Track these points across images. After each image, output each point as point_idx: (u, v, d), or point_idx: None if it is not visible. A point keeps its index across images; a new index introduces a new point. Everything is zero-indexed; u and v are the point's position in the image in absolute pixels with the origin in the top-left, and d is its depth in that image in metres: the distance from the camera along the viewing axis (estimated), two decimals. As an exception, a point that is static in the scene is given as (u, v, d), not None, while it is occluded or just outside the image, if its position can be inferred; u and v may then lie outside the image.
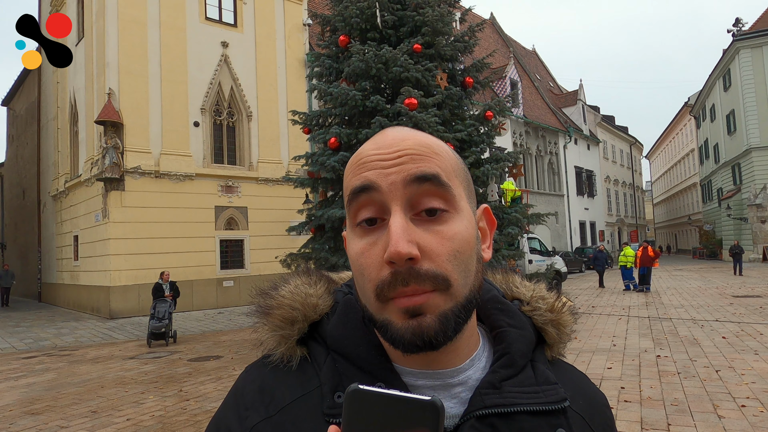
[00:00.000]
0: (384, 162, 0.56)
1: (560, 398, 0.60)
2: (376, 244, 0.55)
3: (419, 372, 0.59)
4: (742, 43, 28.89)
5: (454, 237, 0.55)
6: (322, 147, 9.61)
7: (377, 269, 0.54)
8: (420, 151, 0.57)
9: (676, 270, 26.36)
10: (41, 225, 21.04)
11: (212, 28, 16.75)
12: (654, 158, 65.46)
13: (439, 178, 0.56)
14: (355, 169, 0.58)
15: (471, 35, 10.23)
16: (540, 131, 31.64)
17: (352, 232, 0.58)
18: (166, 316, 9.88)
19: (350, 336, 0.61)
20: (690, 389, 5.57)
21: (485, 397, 0.58)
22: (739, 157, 30.05)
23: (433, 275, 0.53)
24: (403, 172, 0.55)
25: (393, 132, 0.59)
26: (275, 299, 0.65)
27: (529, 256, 17.69)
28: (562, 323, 0.68)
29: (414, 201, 0.55)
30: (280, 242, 15.47)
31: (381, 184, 0.55)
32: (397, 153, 0.56)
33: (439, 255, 0.54)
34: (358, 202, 0.57)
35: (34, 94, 22.10)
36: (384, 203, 0.55)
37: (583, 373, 0.71)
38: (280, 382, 0.61)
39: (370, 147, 0.59)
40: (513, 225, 9.74)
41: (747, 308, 11.56)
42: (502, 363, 0.61)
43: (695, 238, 43.64)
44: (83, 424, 5.24)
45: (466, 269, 0.56)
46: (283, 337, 0.63)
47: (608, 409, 0.69)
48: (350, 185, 0.58)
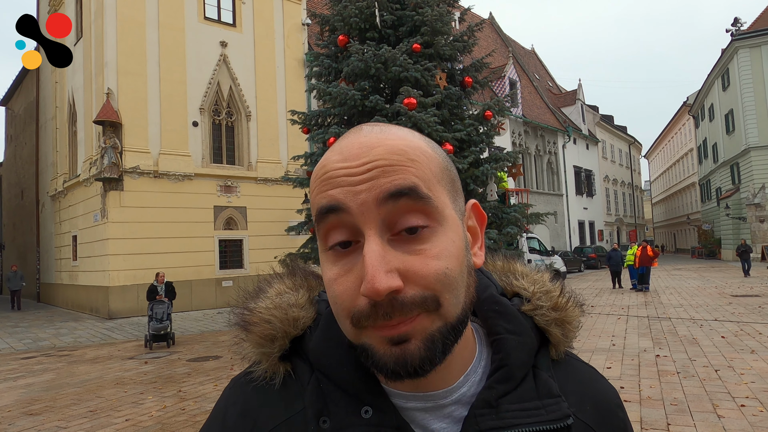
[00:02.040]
0: (351, 178, 0.49)
1: (563, 415, 0.55)
2: (351, 271, 0.49)
3: (409, 394, 0.55)
4: (741, 43, 28.93)
5: (440, 254, 0.49)
6: (321, 147, 9.61)
7: (351, 299, 0.48)
8: (392, 161, 0.49)
9: (675, 269, 26.39)
10: (40, 225, 21.01)
11: (211, 27, 16.73)
12: (653, 158, 65.55)
13: (418, 190, 0.48)
14: (320, 184, 0.51)
15: (470, 35, 10.23)
16: (539, 131, 31.66)
17: (324, 254, 0.52)
18: (166, 317, 9.81)
19: (333, 355, 0.56)
20: (689, 389, 5.57)
21: (480, 419, 0.53)
22: (738, 157, 30.09)
23: (420, 300, 0.48)
24: (374, 188, 0.48)
25: (361, 137, 0.51)
26: (254, 314, 0.60)
27: (528, 255, 17.73)
28: (567, 320, 0.63)
29: (390, 220, 0.48)
30: (279, 242, 15.46)
31: (350, 205, 0.48)
32: (366, 166, 0.49)
33: (425, 277, 0.48)
34: (326, 224, 0.50)
35: (33, 94, 22.06)
36: (355, 225, 0.49)
37: (591, 369, 0.65)
38: (262, 405, 0.57)
39: (335, 158, 0.51)
40: (512, 224, 9.75)
41: (746, 308, 11.57)
42: (499, 377, 0.55)
43: (694, 238, 43.68)
44: (82, 424, 5.23)
45: (456, 288, 0.50)
46: (264, 354, 0.58)
47: (620, 409, 0.63)
48: (316, 203, 0.51)
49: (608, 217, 41.57)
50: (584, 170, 36.76)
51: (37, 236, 21.06)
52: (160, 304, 9.84)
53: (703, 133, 39.05)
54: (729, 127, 31.51)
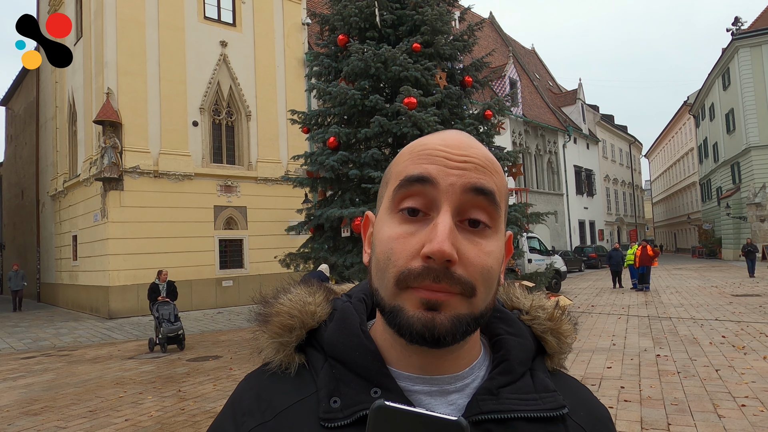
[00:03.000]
0: (449, 161, 0.56)
1: (559, 405, 0.60)
2: (414, 235, 0.55)
3: (417, 377, 0.59)
4: (741, 42, 28.90)
5: (491, 254, 0.56)
6: (321, 146, 9.60)
7: (408, 258, 0.54)
8: (485, 164, 0.57)
9: (676, 269, 26.37)
10: (40, 225, 21.01)
11: (211, 27, 16.73)
12: (653, 157, 65.50)
13: (494, 196, 0.56)
14: (416, 156, 0.58)
15: (470, 34, 10.22)
16: (539, 130, 31.64)
17: (388, 215, 0.58)
18: (175, 317, 9.33)
19: (347, 342, 0.61)
20: (690, 388, 5.56)
21: (482, 403, 0.57)
22: (738, 156, 30.07)
23: (464, 281, 0.54)
24: (465, 177, 0.55)
25: (460, 135, 0.60)
26: (274, 307, 0.65)
27: (529, 255, 17.69)
28: (561, 332, 0.68)
29: (463, 208, 0.56)
30: (279, 242, 15.46)
31: (440, 181, 0.55)
32: (464, 157, 0.57)
33: (473, 265, 0.54)
34: (408, 190, 0.56)
35: (33, 94, 22.06)
36: (435, 199, 0.55)
37: (585, 387, 0.71)
38: (277, 389, 0.61)
39: (436, 140, 0.58)
40: (512, 224, 9.74)
41: (747, 307, 11.56)
42: (500, 370, 0.61)
43: (694, 237, 43.65)
44: (81, 424, 5.23)
45: (490, 286, 0.57)
46: (281, 344, 0.63)
47: (611, 422, 0.68)
48: (406, 171, 0.57)
49: (608, 217, 41.56)
50: (584, 170, 36.74)
51: (37, 236, 21.07)
52: (165, 305, 9.45)
53: (703, 133, 39.02)
54: (729, 126, 31.48)
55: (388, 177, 0.61)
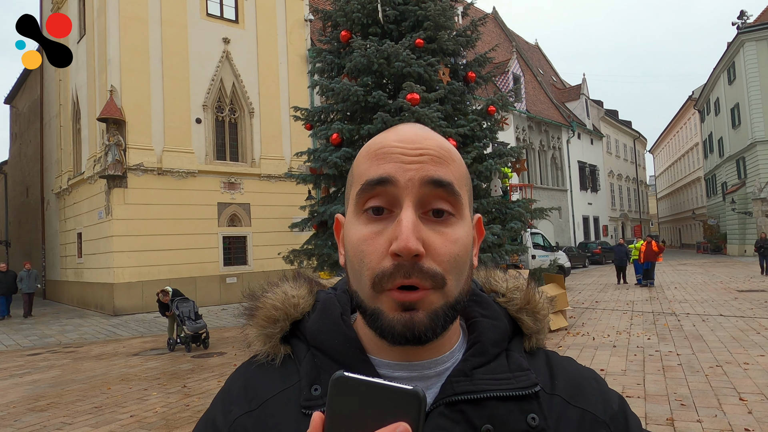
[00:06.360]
0: (405, 157, 0.57)
1: (531, 383, 0.60)
2: (381, 234, 0.56)
3: (396, 364, 0.61)
4: (747, 36, 28.68)
5: (457, 241, 0.57)
6: (325, 143, 9.58)
7: (378, 259, 0.55)
8: (440, 155, 0.59)
9: (680, 264, 26.28)
10: (45, 222, 21.10)
11: (213, 24, 16.71)
12: (658, 152, 65.18)
13: (453, 186, 0.58)
14: (374, 156, 0.59)
15: (473, 30, 10.17)
16: (543, 126, 31.53)
17: (355, 217, 0.59)
18: (196, 315, 8.86)
19: (327, 330, 0.63)
20: (694, 384, 5.55)
21: (455, 385, 0.59)
22: (744, 151, 29.89)
23: (433, 274, 0.55)
24: (422, 171, 0.57)
25: (414, 128, 0.61)
26: (260, 301, 0.68)
27: (533, 251, 17.65)
28: (536, 310, 0.69)
29: (425, 201, 0.57)
30: (282, 239, 15.48)
31: (399, 178, 0.56)
32: (419, 151, 0.58)
33: (441, 255, 0.56)
34: (370, 193, 0.58)
35: (37, 92, 22.13)
36: (397, 196, 0.57)
37: (568, 357, 0.71)
38: (263, 379, 0.64)
39: (392, 137, 0.60)
40: (516, 220, 9.71)
41: (752, 303, 11.51)
42: (473, 351, 0.62)
43: (699, 233, 43.43)
44: (87, 420, 5.26)
45: (461, 272, 0.58)
46: (267, 336, 0.66)
47: (596, 381, 0.67)
48: (367, 174, 0.58)
49: (613, 213, 41.41)
50: (589, 165, 36.59)
51: (42, 234, 21.16)
52: (184, 302, 9.00)
53: (708, 128, 38.79)
54: (735, 121, 31.29)
55: (352, 179, 0.62)
